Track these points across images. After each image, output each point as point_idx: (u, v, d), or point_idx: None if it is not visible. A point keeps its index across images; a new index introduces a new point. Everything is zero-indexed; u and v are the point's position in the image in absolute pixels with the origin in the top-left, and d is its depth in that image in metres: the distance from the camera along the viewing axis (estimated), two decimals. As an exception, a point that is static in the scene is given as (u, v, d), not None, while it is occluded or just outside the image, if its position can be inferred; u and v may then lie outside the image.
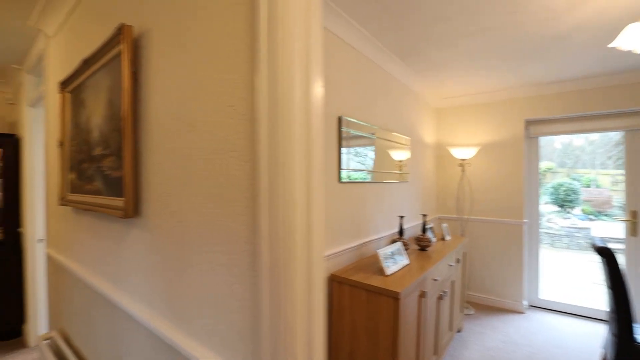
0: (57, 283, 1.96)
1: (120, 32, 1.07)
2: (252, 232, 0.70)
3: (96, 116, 1.34)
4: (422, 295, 1.87)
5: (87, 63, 1.37)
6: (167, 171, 0.96)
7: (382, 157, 2.50)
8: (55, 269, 2.00)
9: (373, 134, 2.36)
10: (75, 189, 1.57)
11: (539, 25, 1.95)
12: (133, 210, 1.07)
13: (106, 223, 1.33)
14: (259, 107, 0.65)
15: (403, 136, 2.85)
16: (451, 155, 3.58)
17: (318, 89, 0.68)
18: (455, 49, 2.33)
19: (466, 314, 3.21)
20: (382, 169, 2.51)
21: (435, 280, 2.08)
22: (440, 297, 2.19)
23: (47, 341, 1.80)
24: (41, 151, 2.75)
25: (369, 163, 2.33)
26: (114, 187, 1.19)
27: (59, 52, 1.91)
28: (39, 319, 2.75)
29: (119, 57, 1.14)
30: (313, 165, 0.66)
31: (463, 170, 3.44)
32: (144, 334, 1.08)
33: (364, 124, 2.25)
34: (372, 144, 2.37)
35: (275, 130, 0.63)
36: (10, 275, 2.82)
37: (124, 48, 1.07)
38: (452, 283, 2.50)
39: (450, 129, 3.65)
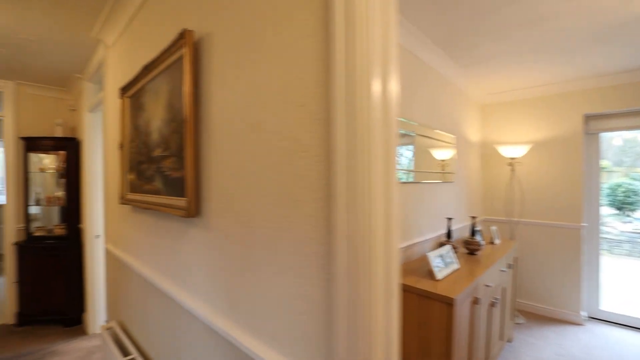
0: (116, 277, 2.09)
1: (182, 36, 1.11)
2: (325, 234, 0.68)
3: (156, 119, 1.39)
4: (475, 301, 1.77)
5: (147, 69, 1.43)
6: (229, 172, 0.97)
7: (422, 156, 2.40)
8: (113, 263, 2.13)
9: (413, 131, 2.28)
10: (134, 189, 1.66)
11: (609, 9, 1.77)
12: (195, 210, 1.10)
13: (165, 222, 1.38)
14: (336, 105, 0.63)
15: (446, 134, 2.72)
16: (499, 154, 3.38)
17: (395, 86, 0.65)
18: (508, 40, 2.18)
19: (516, 323, 3.01)
20: (423, 168, 2.41)
21: (487, 286, 1.96)
22: (492, 304, 2.06)
23: (107, 331, 1.92)
24: (99, 153, 2.96)
25: (404, 162, 2.25)
26: (174, 187, 1.24)
27: (116, 60, 2.03)
28: (97, 309, 2.96)
29: (179, 62, 1.17)
30: (390, 164, 0.63)
31: (513, 170, 3.23)
32: (204, 331, 1.11)
33: (404, 120, 2.17)
34: (411, 143, 2.28)
35: (353, 129, 0.61)
36: (72, 268, 3.07)
37: (185, 52, 1.10)
38: (503, 290, 2.35)
39: (497, 126, 3.44)
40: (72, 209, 3.12)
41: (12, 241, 3.13)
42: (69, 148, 3.11)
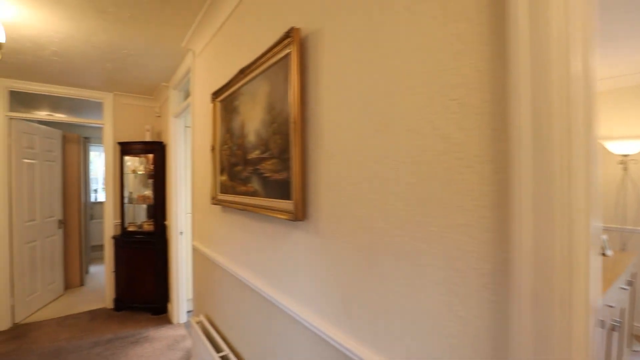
0: (203, 272, 2.20)
1: (289, 35, 1.08)
2: (492, 249, 0.57)
3: (253, 121, 1.41)
4: (598, 324, 1.51)
5: (242, 72, 1.46)
6: (345, 174, 0.92)
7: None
8: (200, 259, 2.25)
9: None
10: (226, 190, 1.71)
11: None
12: (302, 213, 1.07)
13: (263, 223, 1.39)
14: (518, 97, 0.52)
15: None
16: (605, 151, 2.90)
17: (596, 65, 0.52)
18: (626, 15, 1.83)
19: (634, 350, 2.55)
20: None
21: (610, 306, 1.66)
22: (612, 328, 1.75)
23: (197, 325, 2.03)
24: (182, 155, 3.19)
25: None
26: (275, 189, 1.23)
27: (204, 66, 2.13)
28: (180, 300, 3.19)
29: (282, 62, 1.15)
30: (593, 166, 0.51)
31: (625, 169, 2.74)
32: (310, 337, 1.07)
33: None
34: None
35: (545, 126, 0.49)
36: (158, 261, 3.35)
37: (293, 51, 1.07)
38: (622, 311, 1.99)
39: (602, 117, 2.96)
40: (158, 207, 3.41)
41: (110, 235, 3.53)
42: (156, 151, 3.41)
